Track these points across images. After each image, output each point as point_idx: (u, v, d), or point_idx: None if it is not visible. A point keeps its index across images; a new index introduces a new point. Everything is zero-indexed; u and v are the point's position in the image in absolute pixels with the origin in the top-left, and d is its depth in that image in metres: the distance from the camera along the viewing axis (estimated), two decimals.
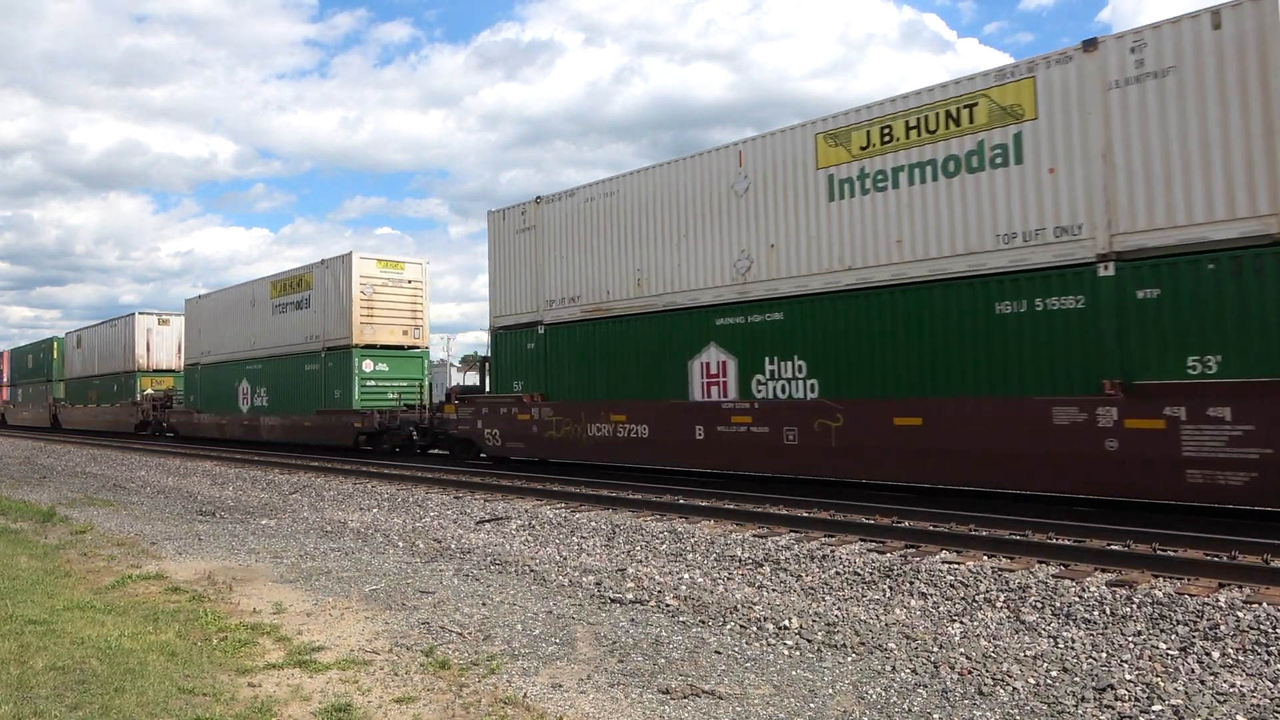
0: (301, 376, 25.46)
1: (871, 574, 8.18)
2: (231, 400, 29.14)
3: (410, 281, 24.74)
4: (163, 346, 36.90)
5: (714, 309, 14.08)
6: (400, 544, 11.04)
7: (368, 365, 23.54)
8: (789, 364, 13.06)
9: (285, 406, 26.19)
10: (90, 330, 42.16)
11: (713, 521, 11.08)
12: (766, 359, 13.32)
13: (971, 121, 11.22)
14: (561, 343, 16.82)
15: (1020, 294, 10.61)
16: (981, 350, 10.93)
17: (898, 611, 7.29)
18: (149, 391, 35.55)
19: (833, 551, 9.05)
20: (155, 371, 36.30)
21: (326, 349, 24.23)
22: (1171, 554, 8.10)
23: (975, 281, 11.02)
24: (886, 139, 12.06)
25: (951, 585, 7.65)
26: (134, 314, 36.19)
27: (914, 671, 5.85)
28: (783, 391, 13.07)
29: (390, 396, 23.67)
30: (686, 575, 8.82)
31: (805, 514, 11.31)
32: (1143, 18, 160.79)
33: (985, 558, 8.44)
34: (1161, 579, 7.44)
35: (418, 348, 25.04)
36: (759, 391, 13.37)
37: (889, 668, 5.95)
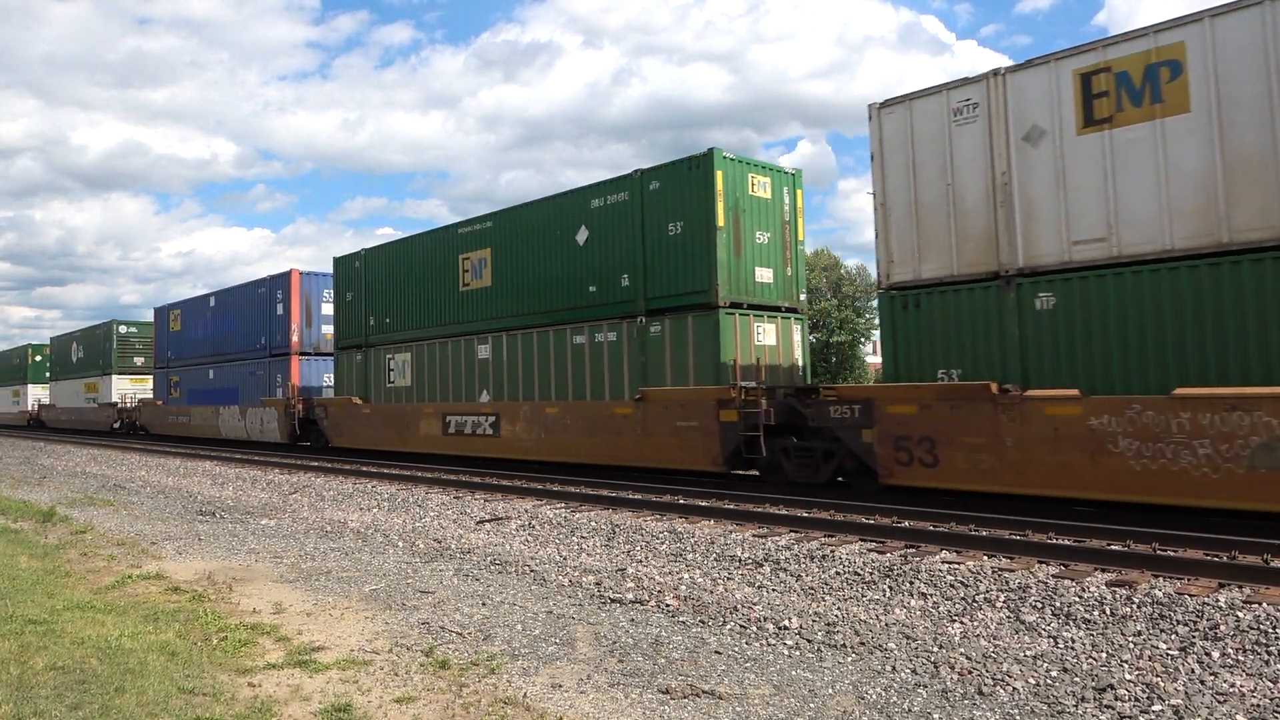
0: None
1: (871, 574, 8.18)
2: None
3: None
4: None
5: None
6: (400, 544, 11.04)
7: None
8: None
9: None
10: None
11: (712, 521, 11.08)
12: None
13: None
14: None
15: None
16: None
17: (898, 611, 7.29)
18: None
19: (833, 551, 9.05)
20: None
21: None
22: (1171, 554, 8.10)
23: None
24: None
25: (951, 585, 7.65)
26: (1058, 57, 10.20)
27: (914, 671, 5.85)
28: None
29: None
30: (686, 575, 8.82)
31: (805, 514, 11.31)
32: (1138, 20, 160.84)
33: (985, 558, 8.44)
34: (1161, 579, 7.44)
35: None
36: None
37: (889, 668, 5.95)
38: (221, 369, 29.07)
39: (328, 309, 25.64)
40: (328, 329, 25.53)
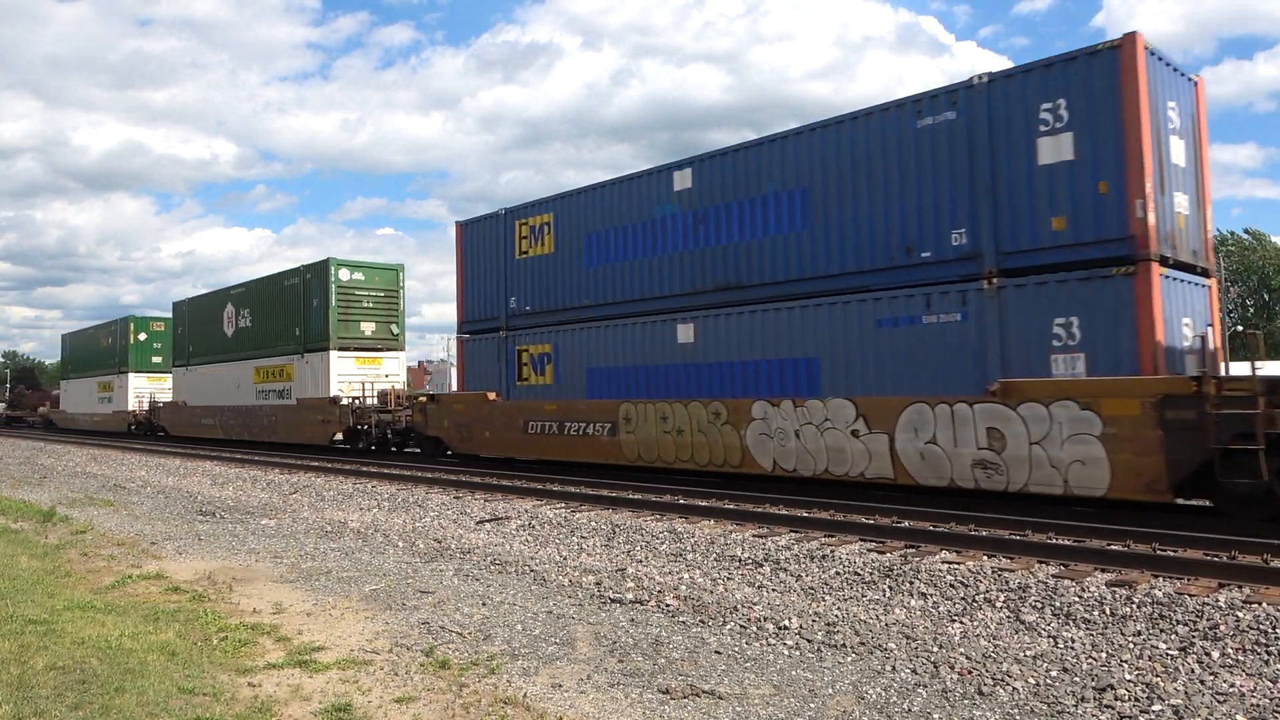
0: None
1: (871, 574, 8.18)
2: None
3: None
4: None
5: None
6: (400, 544, 11.04)
7: None
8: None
9: None
10: None
11: (713, 521, 11.08)
12: None
13: None
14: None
15: None
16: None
17: (898, 611, 7.29)
18: None
19: (833, 551, 9.05)
20: None
21: None
22: (1171, 554, 8.10)
23: None
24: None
25: (951, 585, 7.65)
26: None
27: (914, 671, 5.85)
28: None
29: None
30: (686, 575, 8.82)
31: (805, 514, 11.31)
32: (1134, 22, 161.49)
33: (985, 558, 8.44)
34: (1161, 579, 7.44)
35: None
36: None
37: (889, 668, 5.95)
38: (738, 322, 13.68)
39: (1178, 148, 10.48)
40: (1183, 200, 10.51)
